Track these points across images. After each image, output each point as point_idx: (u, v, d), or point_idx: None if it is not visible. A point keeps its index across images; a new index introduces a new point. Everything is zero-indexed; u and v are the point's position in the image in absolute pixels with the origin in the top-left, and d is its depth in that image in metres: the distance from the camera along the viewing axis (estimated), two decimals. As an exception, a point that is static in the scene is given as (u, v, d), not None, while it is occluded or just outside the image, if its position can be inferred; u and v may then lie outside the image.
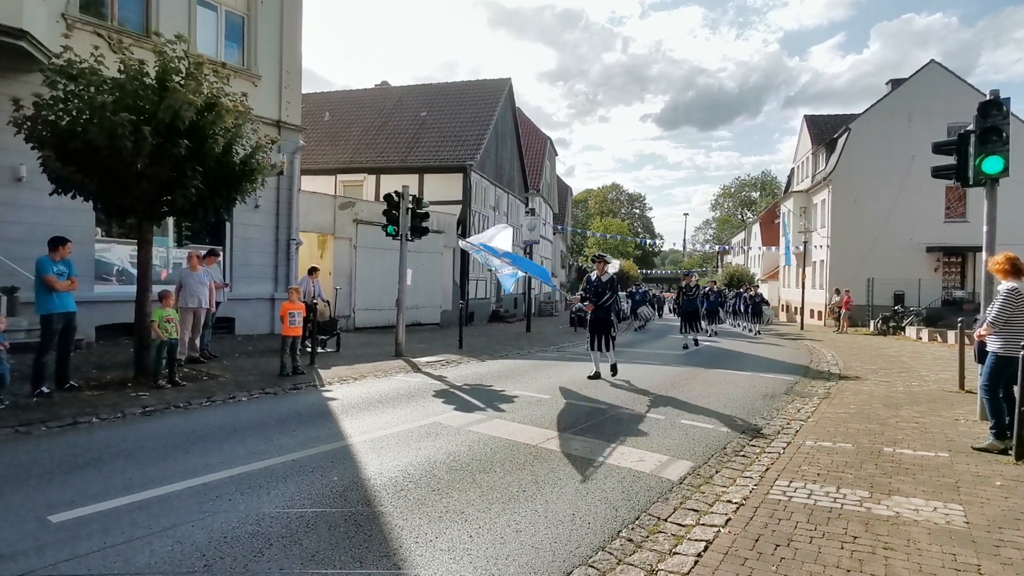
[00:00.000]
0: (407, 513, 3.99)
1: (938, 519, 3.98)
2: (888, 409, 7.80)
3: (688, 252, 78.02)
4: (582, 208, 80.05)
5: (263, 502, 4.10)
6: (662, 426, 6.73)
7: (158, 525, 3.66)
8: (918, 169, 22.92)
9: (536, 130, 41.53)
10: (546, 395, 8.40)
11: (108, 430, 5.92)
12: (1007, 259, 5.76)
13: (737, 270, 48.67)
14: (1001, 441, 5.62)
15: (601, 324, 10.11)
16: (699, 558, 3.40)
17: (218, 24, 13.41)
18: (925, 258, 27.57)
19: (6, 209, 9.92)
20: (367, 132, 26.78)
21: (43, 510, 3.84)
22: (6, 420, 5.91)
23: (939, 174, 8.14)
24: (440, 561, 3.33)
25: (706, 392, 9.04)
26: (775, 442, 6.05)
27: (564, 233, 48.51)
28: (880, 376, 11.11)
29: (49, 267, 7.12)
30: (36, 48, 9.32)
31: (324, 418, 6.76)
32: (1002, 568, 3.29)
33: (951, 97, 25.94)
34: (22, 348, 8.12)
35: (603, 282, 10.15)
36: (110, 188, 7.46)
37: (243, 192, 8.52)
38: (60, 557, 3.22)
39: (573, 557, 3.44)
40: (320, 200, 17.80)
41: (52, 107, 7.15)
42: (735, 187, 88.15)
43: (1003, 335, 5.62)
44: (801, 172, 38.12)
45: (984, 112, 7.10)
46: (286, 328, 9.16)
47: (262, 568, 3.18)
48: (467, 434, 6.13)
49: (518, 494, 4.42)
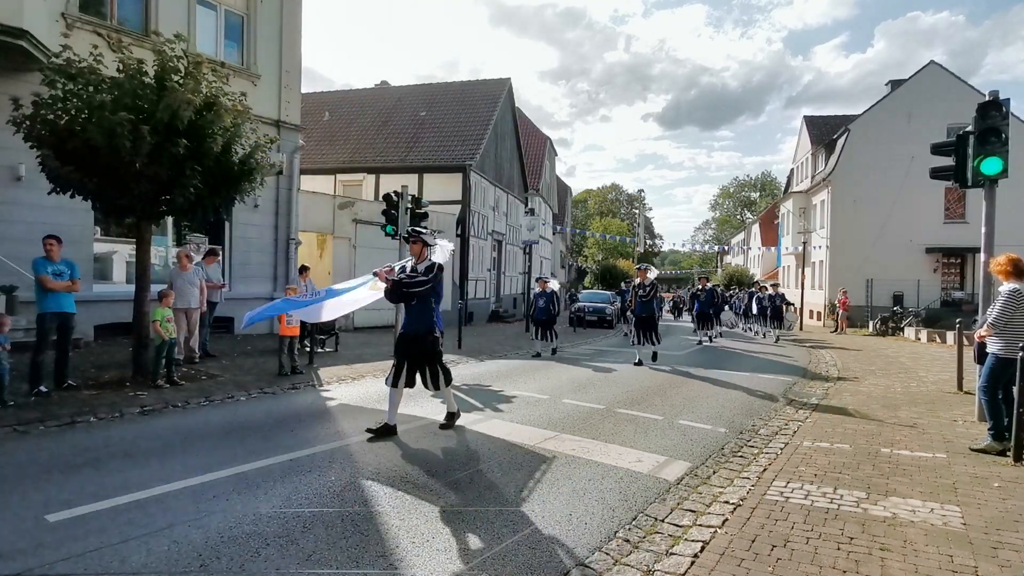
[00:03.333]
0: (404, 513, 3.99)
1: (935, 520, 3.99)
2: (886, 410, 7.80)
3: (687, 252, 78.05)
4: (582, 208, 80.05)
5: (260, 502, 4.10)
6: (660, 427, 6.73)
7: (155, 525, 3.66)
8: (917, 170, 22.91)
9: (536, 130, 41.53)
10: (544, 395, 8.40)
11: (106, 429, 5.91)
12: (1008, 260, 5.76)
13: (737, 270, 48.72)
14: (999, 442, 5.63)
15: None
16: (696, 559, 3.40)
17: (217, 23, 13.40)
18: (924, 259, 27.59)
19: (5, 208, 9.91)
20: (366, 132, 26.77)
21: (40, 509, 3.84)
22: (4, 419, 5.91)
23: (938, 175, 8.15)
24: (436, 561, 3.33)
25: (704, 392, 9.04)
26: (773, 443, 6.05)
27: (563, 233, 48.50)
28: (878, 377, 11.12)
29: (43, 267, 7.12)
30: (36, 47, 9.31)
31: (322, 418, 6.76)
32: (999, 570, 3.29)
33: (951, 98, 25.96)
34: (21, 347, 8.12)
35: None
36: (109, 187, 7.46)
37: (242, 192, 8.51)
38: (57, 556, 3.22)
39: (570, 557, 3.44)
40: (319, 200, 17.80)
41: (51, 106, 7.15)
42: (734, 188, 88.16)
43: (1003, 336, 5.62)
44: (801, 173, 38.15)
45: (983, 113, 7.11)
46: (284, 328, 9.16)
47: (259, 568, 3.18)
48: (465, 434, 6.13)
49: (515, 494, 4.42)
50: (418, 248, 6.22)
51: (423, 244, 6.22)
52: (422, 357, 6.06)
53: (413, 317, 6.11)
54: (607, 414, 7.29)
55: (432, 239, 6.28)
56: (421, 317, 6.07)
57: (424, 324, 6.07)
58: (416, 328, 6.08)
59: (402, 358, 6.06)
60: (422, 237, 6.23)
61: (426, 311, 6.08)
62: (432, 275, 6.04)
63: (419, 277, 6.02)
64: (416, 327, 6.08)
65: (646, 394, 8.75)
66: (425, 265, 6.15)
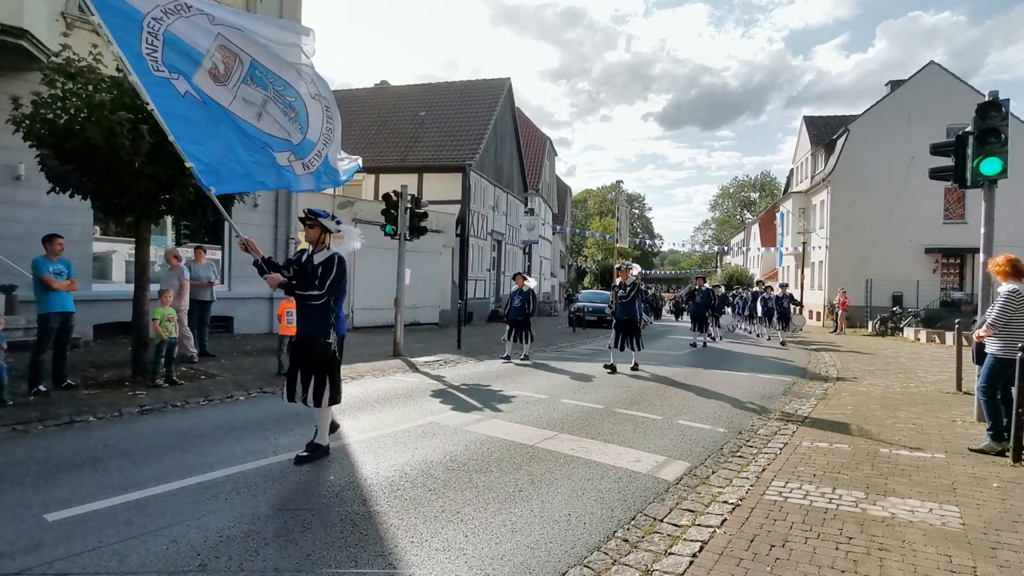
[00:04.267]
0: (403, 513, 3.99)
1: (934, 520, 3.99)
2: (885, 410, 7.81)
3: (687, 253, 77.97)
4: (582, 208, 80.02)
5: (259, 501, 4.10)
6: (659, 426, 6.73)
7: (154, 524, 3.66)
8: (917, 170, 22.91)
9: (536, 130, 41.56)
10: (543, 395, 8.40)
11: (105, 429, 5.91)
12: (1007, 261, 5.76)
13: (736, 271, 48.72)
14: (998, 443, 5.63)
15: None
16: (694, 558, 3.40)
17: (217, 23, 13.38)
18: (924, 259, 27.60)
19: (4, 207, 9.92)
20: (366, 131, 26.77)
21: (39, 509, 3.84)
22: (3, 419, 5.90)
23: (937, 176, 8.15)
24: (435, 561, 3.33)
25: (703, 393, 9.04)
26: (772, 443, 6.05)
27: (563, 233, 48.50)
28: (878, 377, 11.12)
29: (45, 267, 7.12)
30: (36, 47, 9.32)
31: (321, 417, 6.75)
32: (998, 570, 3.29)
33: (950, 98, 25.96)
34: (20, 347, 8.12)
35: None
36: (108, 186, 7.45)
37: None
38: (56, 556, 3.22)
39: (569, 557, 3.44)
40: (319, 199, 17.78)
41: (50, 105, 7.15)
42: (734, 188, 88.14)
43: (1002, 337, 5.63)
44: (800, 173, 38.17)
45: (983, 113, 7.11)
46: (283, 327, 9.15)
47: (257, 567, 3.18)
48: (464, 434, 6.13)
49: (514, 494, 4.42)
50: (315, 233, 5.11)
51: (322, 229, 5.10)
52: (311, 365, 5.05)
53: (307, 317, 5.08)
54: (606, 414, 7.29)
55: (335, 224, 5.16)
56: (316, 317, 5.00)
57: (317, 326, 4.99)
58: (307, 330, 5.05)
59: (295, 366, 5.14)
60: (320, 221, 5.08)
61: (323, 310, 4.99)
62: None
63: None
64: (307, 329, 5.06)
65: (645, 394, 8.75)
66: (324, 257, 5.04)
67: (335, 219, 5.22)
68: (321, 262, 5.01)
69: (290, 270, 5.12)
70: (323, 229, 5.10)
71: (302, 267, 5.08)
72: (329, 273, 4.93)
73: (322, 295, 4.91)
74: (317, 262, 5.03)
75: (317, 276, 4.93)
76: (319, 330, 4.98)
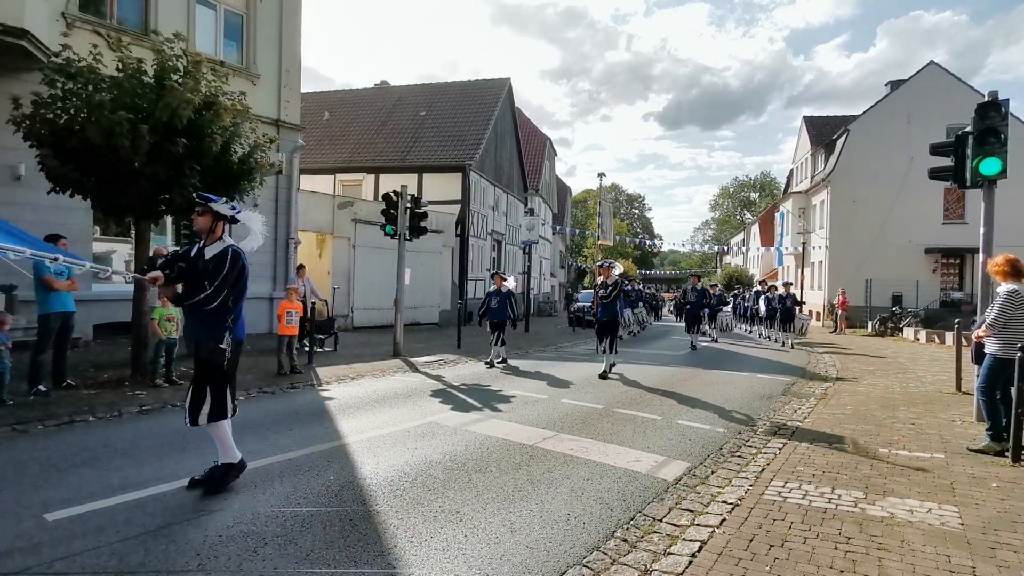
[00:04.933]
0: (402, 512, 4.00)
1: (933, 520, 3.99)
2: (884, 410, 7.81)
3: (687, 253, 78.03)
4: (582, 208, 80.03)
5: (258, 501, 4.10)
6: (659, 426, 6.74)
7: (153, 524, 3.67)
8: (917, 170, 22.95)
9: (536, 130, 41.58)
10: (543, 395, 8.41)
11: (105, 429, 5.91)
12: (1006, 261, 5.76)
13: (736, 271, 48.73)
14: (997, 443, 5.63)
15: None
16: (693, 558, 3.41)
17: (217, 23, 13.41)
18: (923, 259, 27.61)
19: (4, 207, 9.89)
20: (366, 131, 26.79)
21: (39, 508, 3.84)
22: (3, 418, 5.91)
23: (937, 176, 8.14)
24: (435, 561, 3.33)
25: (703, 393, 9.04)
26: (771, 443, 6.06)
27: (563, 233, 48.51)
28: (877, 377, 11.12)
29: (46, 267, 7.12)
30: (36, 47, 9.31)
31: (321, 417, 6.76)
32: (997, 571, 3.29)
33: (950, 98, 25.99)
34: (20, 346, 8.11)
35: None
36: (108, 186, 7.47)
37: (241, 191, 8.52)
38: (55, 555, 3.22)
39: (568, 557, 3.44)
40: (319, 199, 17.81)
41: (50, 106, 7.16)
42: (734, 188, 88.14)
43: (1001, 337, 5.63)
44: (800, 173, 38.17)
45: (982, 114, 7.11)
46: (283, 327, 9.17)
47: (256, 567, 3.18)
48: (463, 434, 6.13)
49: (513, 494, 4.43)
50: (207, 222, 4.29)
51: (214, 217, 4.30)
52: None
53: (198, 320, 4.25)
54: (605, 414, 7.30)
55: (230, 209, 4.39)
56: (208, 318, 4.20)
57: (208, 329, 4.21)
58: (197, 334, 4.27)
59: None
60: (211, 207, 4.28)
61: (217, 311, 4.20)
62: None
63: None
64: (197, 332, 4.27)
65: (644, 394, 8.75)
66: (216, 251, 4.26)
67: (232, 206, 4.42)
68: (212, 257, 4.22)
69: (174, 268, 4.30)
70: (215, 216, 4.31)
71: (191, 263, 4.28)
72: (221, 270, 4.14)
73: (213, 298, 4.10)
74: (208, 256, 4.23)
75: (207, 274, 4.14)
76: (210, 334, 4.20)
